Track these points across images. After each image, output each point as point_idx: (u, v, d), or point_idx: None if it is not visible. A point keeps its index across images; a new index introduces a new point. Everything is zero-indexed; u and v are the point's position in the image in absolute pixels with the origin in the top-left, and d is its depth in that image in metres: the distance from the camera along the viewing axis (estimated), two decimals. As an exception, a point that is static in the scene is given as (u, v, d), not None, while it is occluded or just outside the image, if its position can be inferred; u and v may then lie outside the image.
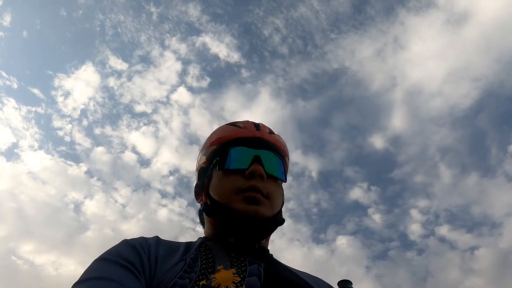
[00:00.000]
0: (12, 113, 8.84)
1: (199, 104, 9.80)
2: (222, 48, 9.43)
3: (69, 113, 9.13)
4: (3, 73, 8.49)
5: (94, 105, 9.26)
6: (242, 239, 0.68)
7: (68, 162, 9.11)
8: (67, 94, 9.11)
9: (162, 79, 9.51)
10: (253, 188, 0.68)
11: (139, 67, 9.48)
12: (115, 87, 9.38)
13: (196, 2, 9.39)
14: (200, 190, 0.80)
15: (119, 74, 9.30)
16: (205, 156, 0.80)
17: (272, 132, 0.82)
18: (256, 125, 0.80)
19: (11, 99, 8.72)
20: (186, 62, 9.56)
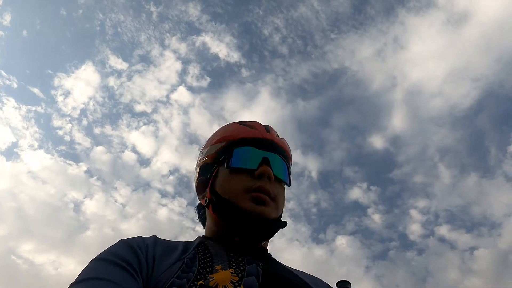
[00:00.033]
0: (12, 113, 8.84)
1: (199, 103, 9.81)
2: (222, 48, 9.43)
3: (69, 113, 9.14)
4: (3, 73, 8.49)
5: (94, 104, 9.27)
6: (247, 238, 0.69)
7: (68, 161, 9.11)
8: (67, 94, 9.11)
9: (162, 78, 9.52)
10: (262, 189, 0.69)
11: (139, 66, 9.48)
12: (115, 87, 9.38)
13: (196, 1, 9.40)
14: (204, 186, 0.79)
15: (119, 73, 9.30)
16: (210, 152, 0.79)
17: (278, 135, 0.83)
18: (266, 127, 0.81)
19: (11, 99, 8.73)
20: (186, 62, 9.57)
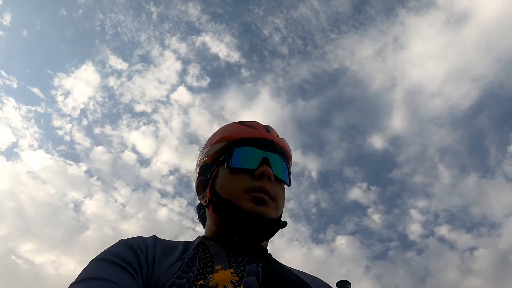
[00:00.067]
0: (12, 113, 8.84)
1: (199, 103, 9.81)
2: (222, 48, 9.43)
3: (69, 113, 9.14)
4: (3, 73, 8.49)
5: (94, 104, 9.27)
6: (247, 238, 0.69)
7: (68, 161, 9.11)
8: (67, 94, 9.11)
9: (162, 78, 9.52)
10: (262, 189, 0.69)
11: (139, 66, 9.48)
12: (115, 87, 9.38)
13: (196, 1, 9.40)
14: (204, 186, 0.79)
15: (119, 73, 9.30)
16: (210, 152, 0.79)
17: (278, 135, 0.83)
18: (266, 127, 0.81)
19: (10, 99, 8.72)
20: (186, 62, 9.56)
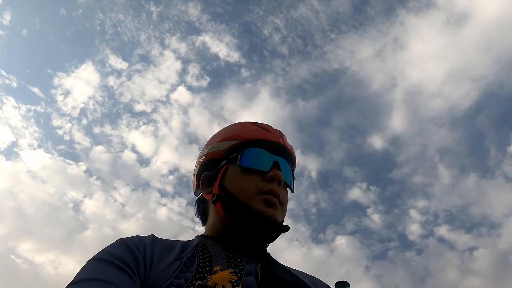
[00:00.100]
0: (11, 112, 8.87)
1: (198, 103, 9.83)
2: (222, 48, 9.45)
3: (68, 112, 9.17)
4: (3, 72, 8.50)
5: (93, 104, 9.29)
6: (255, 239, 0.70)
7: (67, 161, 9.14)
8: (66, 93, 9.15)
9: (162, 78, 9.54)
10: (273, 192, 0.71)
11: (139, 66, 9.51)
12: (115, 86, 9.40)
13: (196, 1, 9.41)
14: (209, 181, 0.79)
15: (118, 73, 9.33)
16: (220, 148, 0.79)
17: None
18: (279, 132, 0.83)
19: (10, 98, 8.75)
20: (186, 62, 9.60)
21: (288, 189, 0.79)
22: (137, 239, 0.63)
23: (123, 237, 0.63)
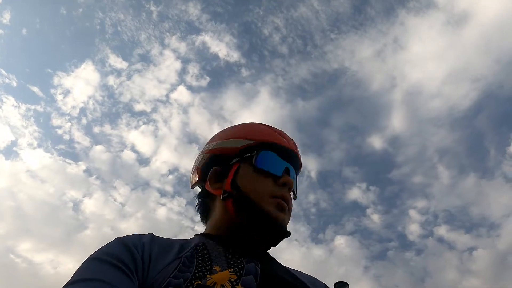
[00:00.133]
0: (11, 111, 8.85)
1: (198, 103, 9.82)
2: (221, 47, 9.44)
3: (68, 112, 9.15)
4: (3, 71, 8.48)
5: (93, 103, 9.27)
6: (264, 240, 0.71)
7: (67, 160, 9.12)
8: (66, 93, 9.12)
9: (162, 78, 9.53)
10: (285, 197, 0.73)
11: (138, 65, 9.49)
12: (115, 86, 9.38)
13: (196, 1, 9.40)
14: (218, 176, 0.77)
15: (118, 72, 9.31)
16: (234, 145, 0.78)
17: None
18: (293, 140, 0.84)
19: (10, 97, 8.73)
20: (185, 61, 9.58)
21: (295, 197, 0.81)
22: (136, 238, 0.62)
23: (121, 236, 0.63)
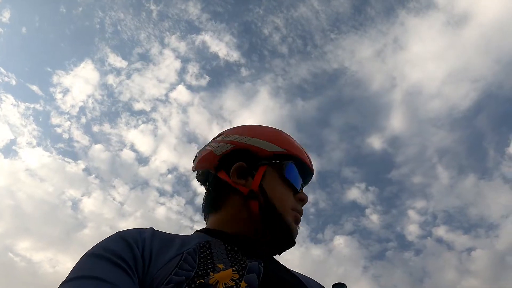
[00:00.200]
0: (10, 110, 8.82)
1: (198, 102, 9.80)
2: (221, 47, 9.42)
3: (67, 110, 9.12)
4: (2, 70, 8.46)
5: (92, 102, 9.25)
6: (273, 246, 0.74)
7: (66, 159, 9.10)
8: (65, 91, 9.09)
9: (161, 77, 9.50)
10: (301, 212, 0.78)
11: (138, 65, 9.46)
12: (114, 85, 9.36)
13: (196, 0, 9.39)
14: (242, 172, 0.75)
15: (118, 71, 9.29)
16: (267, 148, 0.77)
17: None
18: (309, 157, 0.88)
19: (9, 96, 8.70)
20: (185, 61, 9.55)
21: None
22: (136, 233, 0.60)
23: (121, 231, 0.61)
